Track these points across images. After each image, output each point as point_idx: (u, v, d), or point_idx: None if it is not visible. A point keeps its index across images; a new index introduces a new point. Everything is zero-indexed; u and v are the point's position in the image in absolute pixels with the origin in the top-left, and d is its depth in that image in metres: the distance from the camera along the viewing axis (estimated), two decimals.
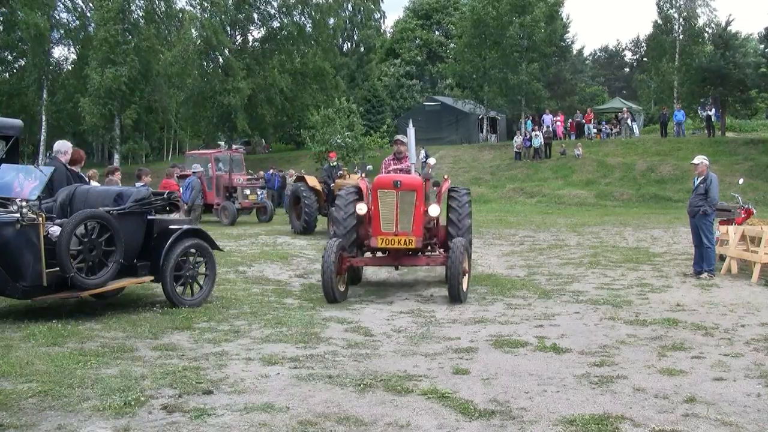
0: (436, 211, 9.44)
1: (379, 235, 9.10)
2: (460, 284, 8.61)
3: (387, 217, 9.11)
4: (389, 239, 9.04)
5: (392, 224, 9.08)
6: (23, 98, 46.10)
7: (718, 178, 11.42)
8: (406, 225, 9.09)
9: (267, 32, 47.80)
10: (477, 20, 40.90)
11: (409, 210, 9.09)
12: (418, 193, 9.19)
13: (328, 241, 9.35)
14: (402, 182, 9.19)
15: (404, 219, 9.09)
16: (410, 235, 9.04)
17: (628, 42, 75.01)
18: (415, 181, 9.32)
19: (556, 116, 41.63)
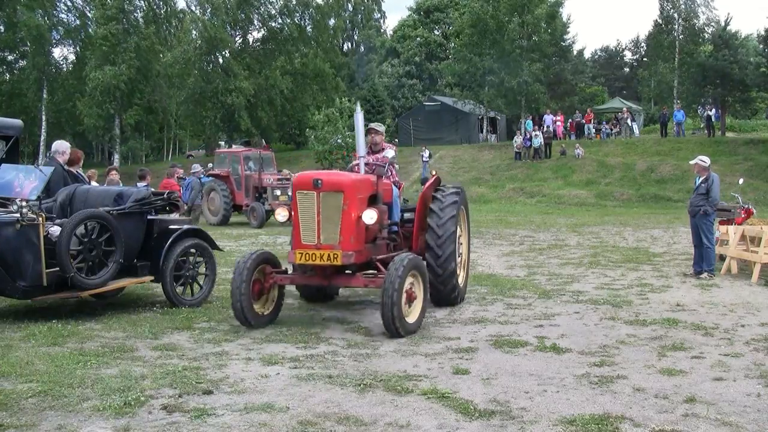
0: (370, 218, 7.11)
1: (298, 249, 7.20)
2: (395, 316, 6.67)
3: (307, 226, 7.18)
4: (309, 254, 7.09)
5: (314, 235, 7.17)
6: (23, 98, 46.15)
7: (719, 178, 11.42)
8: (330, 236, 7.13)
9: (267, 33, 47.84)
10: (476, 19, 40.93)
11: (335, 217, 7.12)
12: (347, 194, 7.17)
13: None
14: (324, 181, 7.20)
15: (328, 228, 7.13)
16: (336, 248, 7.06)
17: (628, 42, 75.05)
18: (343, 180, 7.36)
19: (556, 116, 41.65)
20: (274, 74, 44.92)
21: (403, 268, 6.80)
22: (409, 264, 6.90)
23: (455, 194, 8.57)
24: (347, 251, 7.09)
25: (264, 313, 7.49)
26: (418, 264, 7.17)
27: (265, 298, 7.57)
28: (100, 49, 41.73)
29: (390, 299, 6.64)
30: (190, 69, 43.81)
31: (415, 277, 7.13)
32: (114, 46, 41.82)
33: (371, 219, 7.14)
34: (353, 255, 7.13)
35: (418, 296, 7.21)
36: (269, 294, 7.61)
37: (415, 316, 7.15)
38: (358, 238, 7.26)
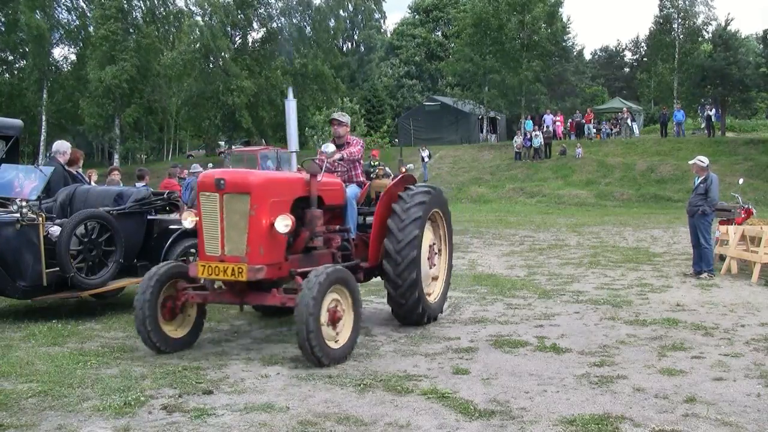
0: (284, 226, 6.01)
1: (201, 261, 6.17)
2: (312, 342, 5.63)
3: (211, 234, 6.15)
4: (212, 267, 6.05)
5: (217, 245, 6.11)
6: (23, 98, 46.17)
7: (718, 179, 11.42)
8: (236, 246, 6.06)
9: (267, 33, 47.85)
10: (477, 18, 40.98)
11: (241, 223, 6.04)
12: (255, 197, 6.03)
13: None
14: (227, 181, 6.07)
15: (233, 237, 6.06)
16: (242, 261, 5.98)
17: (628, 42, 75.02)
18: (250, 180, 6.16)
19: (556, 116, 41.67)
20: (274, 74, 44.93)
21: (320, 284, 5.71)
22: (328, 278, 5.80)
23: (424, 194, 7.48)
24: (255, 265, 5.91)
25: (179, 335, 6.45)
26: (342, 277, 6.05)
27: (181, 318, 6.52)
28: (100, 49, 41.76)
29: (304, 323, 5.58)
30: (189, 69, 43.82)
31: (340, 293, 6.06)
32: (114, 45, 41.84)
33: (284, 227, 5.99)
34: (263, 269, 5.93)
35: (346, 316, 6.12)
36: (185, 313, 6.55)
37: (344, 339, 6.04)
38: (271, 248, 6.10)
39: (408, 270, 7.09)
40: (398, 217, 7.21)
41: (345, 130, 7.80)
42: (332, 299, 5.96)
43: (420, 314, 7.34)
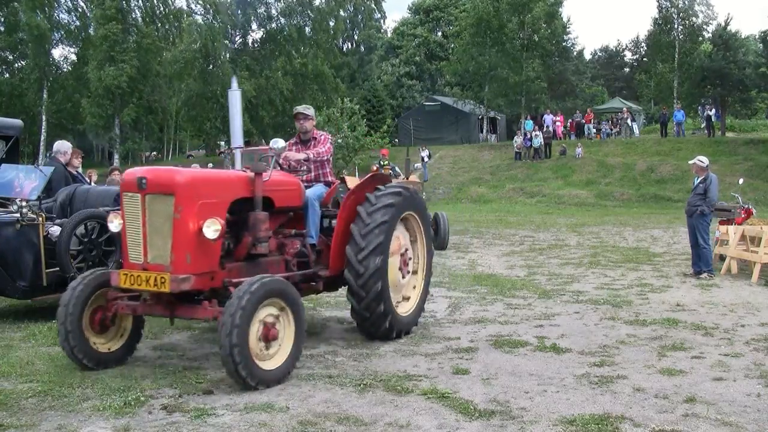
0: (213, 231, 5.33)
1: (124, 269, 5.55)
2: (237, 361, 4.96)
3: (134, 240, 5.51)
4: (135, 276, 5.40)
5: (140, 251, 5.47)
6: (24, 98, 46.19)
7: (718, 179, 11.42)
8: (159, 253, 5.41)
9: (267, 34, 47.85)
10: (478, 18, 41.03)
11: (165, 228, 5.37)
12: (180, 198, 5.34)
13: None
14: (149, 180, 5.41)
15: (157, 243, 5.41)
16: (166, 270, 5.32)
17: (628, 42, 75.04)
18: (174, 178, 5.42)
19: (556, 116, 41.68)
20: (275, 75, 44.92)
21: (251, 293, 5.05)
22: (260, 290, 5.11)
23: (393, 195, 6.73)
24: (180, 274, 5.24)
25: (111, 349, 5.84)
26: (280, 289, 5.34)
27: (114, 330, 5.90)
28: (101, 49, 41.80)
29: (228, 336, 4.91)
30: (189, 69, 43.83)
31: (279, 307, 5.37)
32: (113, 46, 41.86)
33: (213, 232, 5.31)
34: (190, 279, 5.27)
35: (285, 333, 5.41)
36: (118, 325, 5.93)
37: (280, 359, 5.34)
38: (200, 256, 5.41)
39: (372, 280, 6.39)
40: (362, 221, 6.50)
41: (311, 125, 7.24)
42: (268, 314, 5.26)
43: (387, 329, 6.66)
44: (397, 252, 6.91)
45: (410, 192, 7.07)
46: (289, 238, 6.48)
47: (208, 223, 5.35)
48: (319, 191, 6.87)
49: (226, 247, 5.81)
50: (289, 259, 6.40)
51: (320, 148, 7.09)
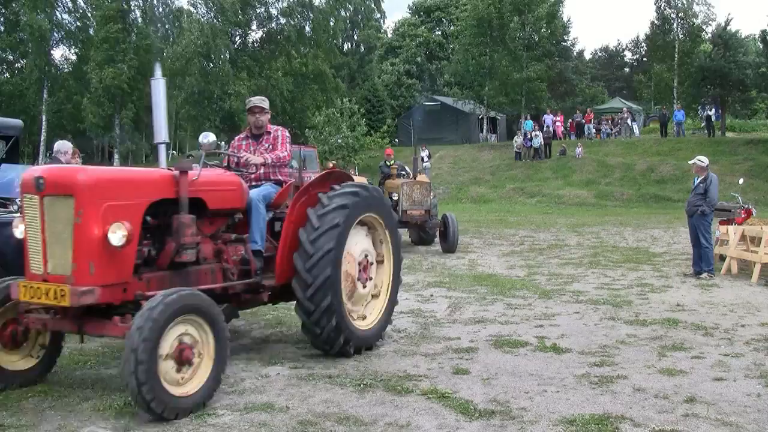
0: (119, 238, 4.69)
1: (24, 281, 4.95)
2: (142, 387, 4.31)
3: (34, 247, 4.90)
4: (35, 289, 4.79)
5: (40, 260, 4.87)
6: (24, 98, 46.23)
7: (718, 179, 11.42)
8: (60, 263, 4.78)
9: (267, 34, 47.86)
10: (480, 19, 41.08)
11: (65, 234, 4.74)
12: (81, 200, 4.71)
13: None
14: (47, 180, 4.79)
15: (57, 251, 4.78)
16: (66, 282, 4.68)
17: (628, 42, 75.05)
18: (75, 178, 4.78)
19: (556, 116, 41.70)
20: (275, 75, 44.93)
21: (163, 308, 4.43)
22: (174, 304, 4.51)
23: (349, 195, 6.06)
24: (82, 286, 4.60)
25: (24, 367, 5.26)
26: (197, 305, 4.71)
27: (28, 346, 5.32)
28: (101, 49, 41.87)
29: (133, 356, 4.29)
30: (189, 68, 43.85)
31: (196, 326, 4.74)
32: (113, 46, 41.91)
33: (119, 238, 4.67)
34: (94, 292, 4.63)
35: (203, 355, 4.78)
36: (33, 340, 5.34)
37: (195, 385, 4.71)
38: (107, 266, 4.75)
39: (322, 292, 5.72)
40: (311, 225, 5.81)
41: (267, 119, 6.64)
42: (183, 332, 4.64)
43: (342, 345, 5.98)
44: (355, 259, 6.24)
45: (370, 191, 6.38)
46: (230, 244, 5.82)
47: (113, 228, 4.70)
48: (266, 191, 6.16)
49: (146, 254, 5.13)
50: (228, 268, 5.71)
51: (281, 151, 6.48)
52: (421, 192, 14.51)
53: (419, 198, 14.44)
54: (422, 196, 14.50)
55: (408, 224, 14.59)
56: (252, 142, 6.59)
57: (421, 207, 14.46)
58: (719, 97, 39.07)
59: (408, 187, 14.41)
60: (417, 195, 14.43)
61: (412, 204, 14.34)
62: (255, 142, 6.58)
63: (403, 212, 14.08)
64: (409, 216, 14.29)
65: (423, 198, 14.50)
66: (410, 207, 14.31)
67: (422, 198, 14.49)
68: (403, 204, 14.19)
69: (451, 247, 14.22)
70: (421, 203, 14.46)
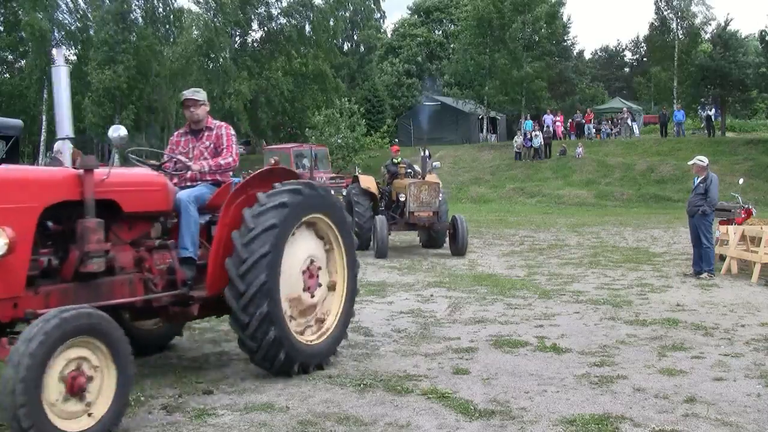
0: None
1: None
2: (22, 423, 3.70)
3: None
4: None
5: None
6: (23, 98, 46.25)
7: (718, 178, 11.42)
8: None
9: (267, 33, 47.86)
10: (480, 19, 41.11)
11: None
12: None
13: None
14: None
15: None
16: None
17: (628, 42, 75.08)
18: None
19: (556, 116, 41.71)
20: (275, 75, 44.94)
21: (43, 337, 3.83)
22: (57, 329, 3.90)
23: (290, 193, 5.44)
24: None
25: None
26: (90, 325, 4.09)
27: None
28: (101, 51, 41.89)
29: (11, 399, 3.71)
30: (190, 68, 43.85)
31: (91, 348, 4.13)
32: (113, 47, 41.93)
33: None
34: None
35: (102, 381, 4.20)
36: None
37: (100, 411, 4.16)
38: None
39: (256, 301, 5.14)
40: (245, 226, 5.22)
41: (204, 112, 5.99)
42: (74, 357, 4.03)
43: (284, 362, 5.36)
44: (299, 264, 5.63)
45: (316, 189, 5.74)
46: (155, 252, 5.21)
47: None
48: (198, 192, 5.56)
49: (45, 265, 4.51)
50: (150, 278, 5.10)
51: (225, 157, 5.84)
52: (429, 193, 13.87)
53: (427, 199, 13.83)
54: (431, 197, 13.87)
55: (416, 226, 14.25)
56: (191, 138, 6.02)
57: (429, 208, 13.88)
58: (719, 97, 39.06)
59: (415, 187, 13.83)
60: (425, 196, 13.82)
61: (420, 205, 13.77)
62: (194, 138, 6.00)
63: (410, 214, 13.70)
64: (417, 218, 13.80)
65: (431, 199, 13.88)
66: (418, 208, 13.75)
67: (430, 199, 13.87)
68: (411, 205, 13.70)
69: (461, 250, 13.70)
70: (429, 204, 13.86)
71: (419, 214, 13.80)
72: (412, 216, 13.77)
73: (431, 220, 14.01)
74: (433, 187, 14.04)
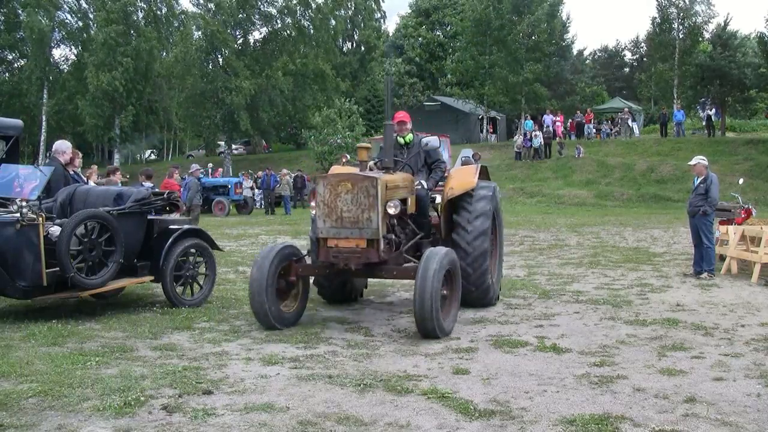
0: None
1: None
2: None
3: None
4: None
5: None
6: (23, 98, 46.26)
7: (718, 178, 11.43)
8: None
9: (268, 33, 47.85)
10: (478, 20, 41.10)
11: None
12: None
13: None
14: None
15: None
16: None
17: (628, 42, 75.09)
18: None
19: (556, 116, 41.72)
20: (275, 74, 44.93)
21: None
22: None
23: None
24: None
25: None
26: None
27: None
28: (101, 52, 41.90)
29: None
30: (190, 68, 43.84)
31: None
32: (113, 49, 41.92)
33: None
34: None
35: None
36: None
37: None
38: None
39: None
40: None
41: None
42: None
43: None
44: None
45: None
46: None
47: None
48: None
49: None
50: None
51: None
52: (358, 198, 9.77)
53: (354, 212, 11.08)
54: (360, 207, 10.47)
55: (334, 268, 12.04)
56: None
57: (359, 231, 11.82)
58: (719, 97, 39.06)
59: (327, 187, 10.31)
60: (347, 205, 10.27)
61: (334, 224, 9.58)
62: None
63: (319, 243, 11.64)
64: (328, 252, 10.58)
65: (362, 212, 11.11)
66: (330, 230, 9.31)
67: (359, 211, 11.09)
68: (320, 223, 11.10)
69: None
70: (358, 222, 11.25)
71: (336, 243, 7.27)
72: (323, 248, 7.34)
73: (366, 257, 7.19)
74: (371, 186, 7.32)
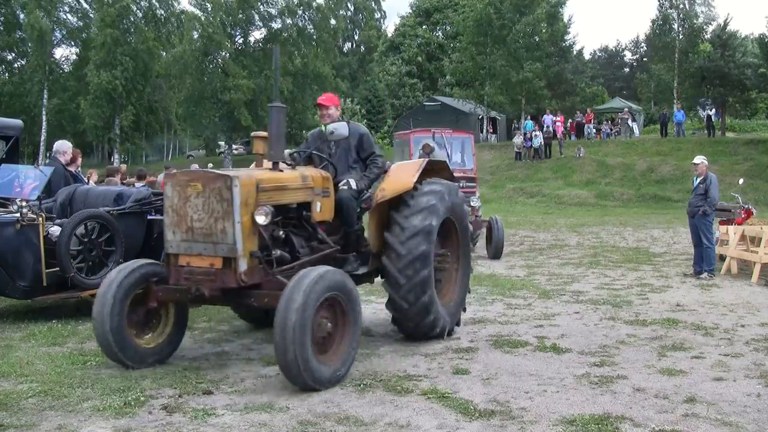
0: None
1: None
2: None
3: None
4: None
5: None
6: (23, 98, 46.26)
7: (717, 178, 11.43)
8: None
9: (268, 33, 47.86)
10: (479, 20, 41.08)
11: None
12: None
13: None
14: None
15: None
16: None
17: (628, 42, 75.13)
18: None
19: (556, 116, 41.71)
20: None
21: None
22: None
23: None
24: None
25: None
26: None
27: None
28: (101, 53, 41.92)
29: None
30: (189, 68, 43.84)
31: None
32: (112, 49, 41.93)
33: None
34: None
35: None
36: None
37: None
38: None
39: None
40: None
41: None
42: None
43: None
44: None
45: None
46: None
47: None
48: None
49: None
50: None
51: None
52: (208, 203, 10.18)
53: (205, 222, 10.74)
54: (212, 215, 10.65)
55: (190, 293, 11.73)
56: None
57: (213, 247, 10.96)
58: (719, 97, 39.06)
59: (176, 188, 10.17)
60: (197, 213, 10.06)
61: (186, 238, 9.50)
62: None
63: (169, 260, 11.27)
64: (179, 273, 10.26)
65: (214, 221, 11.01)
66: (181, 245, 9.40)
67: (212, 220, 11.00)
68: (168, 236, 10.61)
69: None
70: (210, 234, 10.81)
71: (188, 261, 5.96)
72: (173, 266, 6.01)
73: (221, 280, 5.67)
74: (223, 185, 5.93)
